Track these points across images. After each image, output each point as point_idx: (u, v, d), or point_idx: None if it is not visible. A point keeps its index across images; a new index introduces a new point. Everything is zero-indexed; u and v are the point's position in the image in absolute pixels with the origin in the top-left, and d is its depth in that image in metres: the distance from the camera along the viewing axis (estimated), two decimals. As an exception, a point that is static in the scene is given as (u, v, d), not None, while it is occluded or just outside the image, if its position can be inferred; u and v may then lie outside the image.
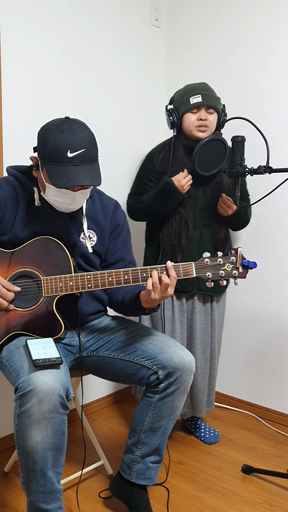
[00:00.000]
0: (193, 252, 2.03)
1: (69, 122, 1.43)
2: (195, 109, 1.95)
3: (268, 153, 1.72)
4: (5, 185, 1.55)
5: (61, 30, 2.14)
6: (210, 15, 2.50)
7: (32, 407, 1.26)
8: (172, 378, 1.51)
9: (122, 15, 2.42)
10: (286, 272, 2.31)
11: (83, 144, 1.41)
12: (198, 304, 2.09)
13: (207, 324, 2.12)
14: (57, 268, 1.50)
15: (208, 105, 1.94)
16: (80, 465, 1.99)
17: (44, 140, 1.42)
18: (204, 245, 2.05)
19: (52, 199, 1.50)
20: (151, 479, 1.62)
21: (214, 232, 2.06)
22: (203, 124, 1.95)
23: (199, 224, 2.03)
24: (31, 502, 1.38)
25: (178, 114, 1.99)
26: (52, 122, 1.45)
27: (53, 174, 1.40)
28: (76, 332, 1.65)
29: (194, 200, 2.02)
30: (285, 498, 1.79)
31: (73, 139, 1.39)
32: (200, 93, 1.94)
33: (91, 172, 1.42)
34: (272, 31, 2.26)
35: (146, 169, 2.09)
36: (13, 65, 1.98)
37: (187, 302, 2.09)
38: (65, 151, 1.38)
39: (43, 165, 1.44)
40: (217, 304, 2.15)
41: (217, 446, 2.16)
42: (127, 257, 1.73)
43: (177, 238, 2.01)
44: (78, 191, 1.47)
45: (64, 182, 1.38)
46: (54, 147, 1.39)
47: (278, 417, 2.37)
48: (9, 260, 1.49)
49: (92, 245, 1.63)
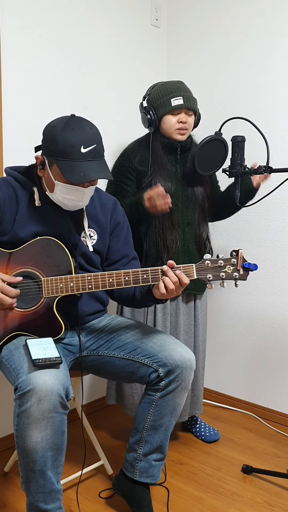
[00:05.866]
0: (178, 252, 2.00)
1: (76, 119, 1.44)
2: (175, 111, 1.93)
3: (268, 153, 1.72)
4: (4, 185, 1.55)
5: (61, 30, 2.14)
6: (210, 15, 2.50)
7: (31, 407, 1.26)
8: (173, 375, 1.52)
9: (122, 15, 2.42)
10: (286, 272, 2.31)
11: (94, 140, 1.42)
12: (181, 305, 2.06)
13: (190, 325, 2.10)
14: (57, 268, 1.49)
15: (188, 108, 1.93)
16: (80, 465, 1.99)
17: (53, 137, 1.41)
18: (188, 243, 2.02)
19: (61, 197, 1.49)
20: (154, 477, 1.62)
21: (196, 230, 2.05)
22: (183, 127, 1.94)
23: (181, 223, 2.01)
24: (30, 502, 1.38)
25: (157, 114, 1.95)
26: (59, 119, 1.45)
27: (67, 170, 1.40)
28: (76, 332, 1.65)
29: (176, 199, 1.99)
30: (285, 498, 1.79)
31: (85, 135, 1.41)
32: (182, 94, 1.92)
33: (102, 167, 1.44)
34: (272, 31, 2.26)
35: (123, 167, 2.02)
36: (13, 65, 1.98)
37: (171, 304, 2.06)
38: (78, 146, 1.39)
39: (53, 162, 1.44)
40: (200, 302, 2.13)
41: (217, 446, 2.16)
42: (130, 253, 1.74)
43: (162, 238, 1.97)
44: (88, 187, 1.48)
45: (80, 177, 1.39)
46: (66, 143, 1.39)
47: (278, 417, 2.37)
48: (9, 260, 1.49)
49: (93, 243, 1.63)
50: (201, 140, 1.87)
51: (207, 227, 2.10)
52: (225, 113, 2.47)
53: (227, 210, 2.11)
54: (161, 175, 1.96)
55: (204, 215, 2.07)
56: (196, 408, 2.17)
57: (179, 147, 1.99)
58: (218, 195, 2.13)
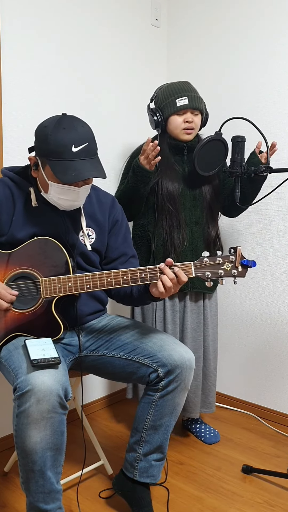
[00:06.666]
0: (186, 251, 2.01)
1: (68, 118, 1.43)
2: (181, 111, 1.94)
3: (268, 153, 1.72)
4: (0, 186, 1.55)
5: (61, 30, 2.14)
6: (210, 15, 2.50)
7: (30, 407, 1.27)
8: (172, 375, 1.52)
9: (122, 15, 2.42)
10: (286, 272, 2.30)
11: (86, 138, 1.42)
12: (190, 303, 2.07)
13: (199, 323, 2.10)
14: (55, 268, 1.49)
15: (194, 107, 1.94)
16: (80, 465, 1.99)
17: (45, 138, 1.41)
18: (196, 242, 2.03)
19: (55, 197, 1.49)
20: (154, 477, 1.62)
21: (205, 229, 2.05)
22: (189, 127, 1.95)
23: (189, 222, 2.02)
24: (30, 502, 1.38)
25: (163, 115, 1.97)
26: (50, 119, 1.45)
27: (59, 170, 1.39)
28: (76, 332, 1.65)
29: (184, 198, 2.00)
30: (285, 498, 1.79)
31: (76, 134, 1.40)
32: (187, 95, 1.93)
33: (95, 165, 1.43)
34: (272, 31, 2.26)
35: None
36: (13, 65, 1.98)
37: (179, 302, 2.08)
38: (70, 146, 1.39)
39: (45, 163, 1.44)
40: (209, 302, 2.14)
41: (217, 446, 2.16)
42: (129, 251, 1.74)
43: (169, 238, 1.99)
44: (82, 187, 1.47)
45: (73, 177, 1.38)
46: (57, 143, 1.39)
47: (278, 417, 2.37)
48: (7, 261, 1.49)
49: (91, 242, 1.63)
50: (201, 141, 1.87)
51: (216, 225, 2.10)
52: (225, 113, 2.47)
53: (238, 207, 2.10)
54: (168, 175, 1.98)
55: (213, 214, 2.07)
56: (210, 408, 2.19)
57: (185, 148, 2.00)
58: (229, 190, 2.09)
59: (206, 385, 2.17)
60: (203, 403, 2.19)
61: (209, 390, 2.18)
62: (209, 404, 2.19)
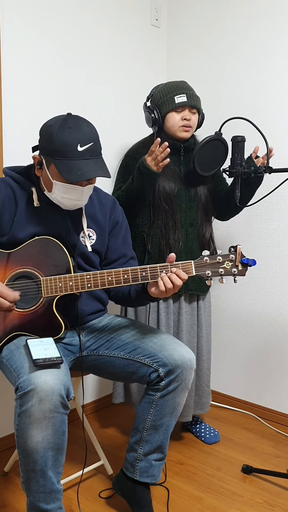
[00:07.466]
0: (180, 252, 2.00)
1: (73, 118, 1.44)
2: (179, 109, 1.94)
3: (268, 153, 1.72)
4: (2, 186, 1.54)
5: (61, 30, 2.14)
6: (210, 15, 2.50)
7: (32, 407, 1.26)
8: (173, 375, 1.52)
9: (122, 15, 2.43)
10: (286, 272, 2.31)
11: (91, 138, 1.42)
12: (184, 305, 2.06)
13: (193, 325, 2.10)
14: (56, 268, 1.49)
15: (192, 105, 1.94)
16: (80, 465, 1.99)
17: (50, 137, 1.41)
18: (191, 244, 2.02)
19: (59, 196, 1.49)
20: (154, 477, 1.62)
21: (199, 230, 2.05)
22: (187, 124, 1.95)
23: (184, 223, 2.01)
24: (31, 502, 1.38)
25: (161, 112, 1.96)
26: (55, 119, 1.45)
27: (65, 169, 1.40)
28: (76, 331, 1.65)
29: (179, 199, 1.99)
30: (285, 498, 1.79)
31: (81, 133, 1.41)
32: (185, 92, 1.93)
33: (100, 165, 1.44)
34: (272, 31, 2.26)
35: (130, 166, 2.02)
36: (13, 65, 1.98)
37: (173, 304, 2.06)
38: (75, 145, 1.39)
39: (50, 162, 1.44)
40: (203, 303, 2.13)
41: (217, 446, 2.16)
42: (128, 252, 1.74)
43: (165, 238, 1.98)
44: (86, 186, 1.47)
45: (78, 176, 1.39)
46: (63, 142, 1.39)
47: (278, 417, 2.37)
48: (8, 260, 1.49)
49: (92, 243, 1.63)
50: (201, 140, 1.87)
51: (210, 227, 2.10)
52: (225, 113, 2.47)
53: (231, 210, 2.10)
54: (165, 175, 1.97)
55: (207, 216, 2.07)
56: (203, 409, 2.17)
57: (182, 148, 2.00)
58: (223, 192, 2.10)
59: (199, 386, 2.15)
60: (196, 404, 2.16)
61: (203, 391, 2.16)
62: (203, 405, 2.17)
